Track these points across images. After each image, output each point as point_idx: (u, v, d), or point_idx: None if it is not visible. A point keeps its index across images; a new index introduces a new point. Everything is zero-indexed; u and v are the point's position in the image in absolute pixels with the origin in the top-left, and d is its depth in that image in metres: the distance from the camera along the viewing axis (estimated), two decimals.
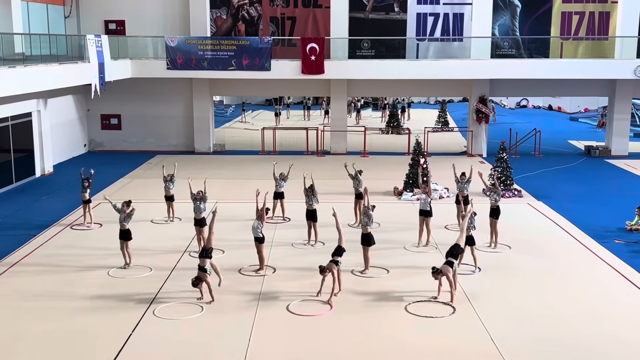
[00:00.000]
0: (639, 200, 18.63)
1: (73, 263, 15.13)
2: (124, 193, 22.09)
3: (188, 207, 16.64)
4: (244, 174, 25.18)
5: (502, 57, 28.89)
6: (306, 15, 29.34)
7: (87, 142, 30.55)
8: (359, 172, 18.37)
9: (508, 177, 21.83)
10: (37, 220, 18.70)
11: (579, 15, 29.24)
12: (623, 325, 11.92)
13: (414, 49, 29.36)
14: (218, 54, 27.44)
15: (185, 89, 30.03)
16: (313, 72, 27.46)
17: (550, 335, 11.49)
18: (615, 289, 13.74)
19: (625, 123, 29.93)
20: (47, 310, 12.55)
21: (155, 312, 12.32)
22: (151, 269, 14.66)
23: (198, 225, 15.68)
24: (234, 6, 29.45)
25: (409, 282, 13.80)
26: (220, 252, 15.48)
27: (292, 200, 19.00)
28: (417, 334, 11.59)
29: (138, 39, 28.55)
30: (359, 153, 29.66)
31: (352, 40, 28.91)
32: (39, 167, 25.04)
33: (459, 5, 29.21)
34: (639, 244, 16.77)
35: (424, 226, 16.32)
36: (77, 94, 28.73)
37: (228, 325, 11.89)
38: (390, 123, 38.59)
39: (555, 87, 30.39)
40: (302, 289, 13.44)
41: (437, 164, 25.31)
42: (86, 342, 11.25)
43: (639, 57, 27.85)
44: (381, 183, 22.99)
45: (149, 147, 30.46)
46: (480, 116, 29.43)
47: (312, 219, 16.51)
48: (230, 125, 41.10)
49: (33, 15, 26.19)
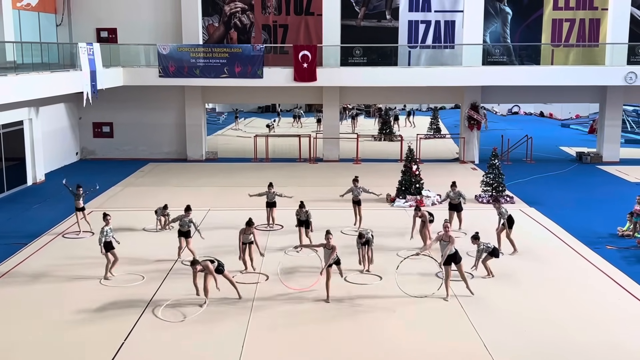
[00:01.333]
0: (630, 206, 18.68)
1: (64, 272, 15.04)
2: (116, 201, 22.06)
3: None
4: (237, 182, 25.14)
5: (493, 64, 29.02)
6: (298, 23, 29.41)
7: (79, 150, 30.47)
8: (355, 179, 18.52)
9: (500, 183, 21.88)
10: (28, 229, 18.61)
11: (570, 23, 29.43)
12: (615, 331, 11.96)
13: (406, 56, 29.46)
14: (210, 62, 27.46)
15: (178, 96, 30.02)
16: (305, 80, 27.51)
17: (542, 340, 11.50)
18: (607, 295, 13.77)
19: (616, 129, 30.08)
20: (38, 319, 12.47)
21: (155, 311, 12.34)
22: (143, 277, 14.61)
23: (183, 236, 15.70)
24: (226, 14, 29.49)
25: (403, 288, 13.78)
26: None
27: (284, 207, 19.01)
28: (410, 338, 11.60)
29: (130, 47, 28.53)
30: (352, 160, 29.70)
31: (344, 48, 28.99)
32: (31, 176, 24.94)
33: (450, 12, 29.36)
34: (631, 250, 16.84)
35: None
36: (69, 102, 28.67)
37: (220, 334, 11.85)
38: (382, 130, 38.68)
39: (546, 93, 30.52)
40: (294, 293, 13.45)
41: (430, 171, 25.36)
42: (78, 351, 11.17)
43: (629, 64, 28.06)
44: (374, 190, 22.96)
45: (141, 155, 30.40)
46: (472, 123, 29.53)
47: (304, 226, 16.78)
48: (223, 133, 41.10)
49: (25, 24, 26.15)
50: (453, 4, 29.29)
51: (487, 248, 14.39)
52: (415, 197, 21.43)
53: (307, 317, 12.54)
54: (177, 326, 12.11)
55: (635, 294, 13.69)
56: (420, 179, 21.88)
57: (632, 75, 27.11)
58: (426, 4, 29.31)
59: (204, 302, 12.92)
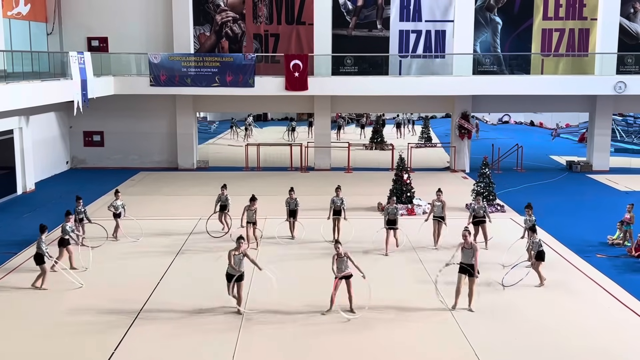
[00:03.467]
0: (620, 214, 18.78)
1: (54, 280, 14.95)
2: (106, 210, 21.92)
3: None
4: (228, 191, 25.01)
5: (483, 74, 29.17)
6: (289, 32, 29.48)
7: (69, 159, 30.35)
8: (337, 188, 18.44)
9: (491, 192, 21.95)
10: (18, 238, 18.49)
11: (559, 32, 29.63)
12: (605, 337, 12.03)
13: (397, 65, 29.56)
14: (201, 71, 27.47)
15: (169, 105, 30.00)
16: (297, 89, 27.56)
17: (533, 348, 11.53)
18: (597, 303, 13.83)
19: (606, 138, 30.25)
20: (25, 330, 12.39)
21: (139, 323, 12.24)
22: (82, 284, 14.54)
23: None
24: (218, 23, 29.52)
25: (394, 296, 13.78)
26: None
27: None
28: (401, 344, 11.60)
29: (121, 56, 28.49)
30: (343, 169, 29.72)
31: (336, 57, 29.07)
32: (21, 185, 24.81)
33: (441, 22, 29.50)
34: (621, 258, 16.92)
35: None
36: (60, 110, 28.59)
37: (211, 343, 11.82)
38: (373, 139, 38.77)
39: (536, 103, 30.67)
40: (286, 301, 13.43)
41: (421, 180, 25.40)
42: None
43: (618, 73, 28.28)
44: (365, 198, 23.05)
45: (132, 163, 30.32)
46: (463, 132, 29.64)
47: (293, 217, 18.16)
48: (214, 142, 41.06)
49: (15, 32, 26.09)
50: (443, 14, 29.45)
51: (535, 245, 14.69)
52: (406, 205, 21.46)
53: (302, 326, 12.51)
54: (166, 334, 12.06)
55: (625, 302, 13.75)
56: (411, 188, 21.92)
57: (622, 84, 27.30)
58: (417, 14, 29.45)
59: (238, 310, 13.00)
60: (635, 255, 16.88)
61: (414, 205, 21.53)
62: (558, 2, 29.43)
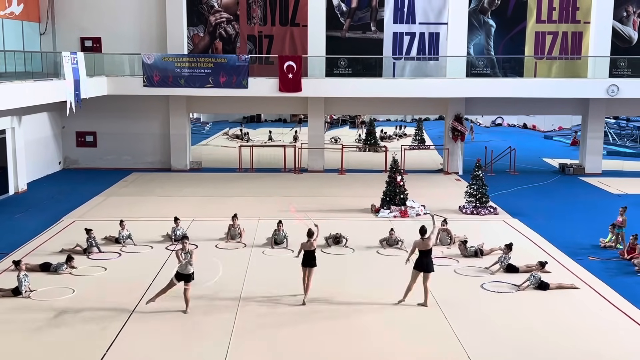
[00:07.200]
0: (612, 217, 18.84)
1: (45, 283, 14.90)
2: (99, 211, 21.90)
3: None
4: (221, 192, 25.07)
5: (477, 76, 29.19)
6: (283, 33, 29.47)
7: (61, 160, 30.24)
8: (279, 222, 17.94)
9: (484, 194, 21.99)
10: (9, 238, 18.39)
11: (553, 35, 29.73)
12: (597, 340, 12.05)
13: (391, 67, 29.59)
14: (195, 72, 27.42)
15: (162, 106, 29.93)
16: (290, 90, 27.54)
17: (524, 350, 11.53)
18: (589, 305, 13.85)
19: (598, 141, 30.33)
20: (12, 332, 12.33)
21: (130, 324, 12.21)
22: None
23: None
24: (212, 24, 29.49)
25: (386, 299, 13.80)
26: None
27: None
28: (391, 342, 11.60)
29: (114, 56, 28.40)
30: (337, 170, 29.72)
31: (329, 59, 29.06)
32: (13, 185, 24.69)
33: (435, 25, 29.56)
34: (613, 261, 16.96)
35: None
36: (52, 111, 28.48)
37: (205, 343, 11.80)
38: (367, 141, 38.78)
39: (529, 105, 30.72)
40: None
41: (414, 182, 25.44)
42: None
43: (611, 77, 28.37)
44: (358, 200, 23.05)
45: (124, 164, 30.23)
46: (456, 134, 29.68)
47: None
48: (208, 143, 41.01)
49: (8, 32, 25.98)
50: (437, 17, 29.50)
51: (535, 279, 14.67)
52: (400, 207, 21.47)
53: (287, 319, 12.50)
54: (158, 335, 12.03)
55: (617, 305, 13.78)
56: (404, 190, 21.93)
57: (614, 87, 27.40)
58: (411, 16, 29.50)
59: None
60: (627, 258, 16.92)
61: (407, 207, 21.53)
62: (551, 5, 29.54)
